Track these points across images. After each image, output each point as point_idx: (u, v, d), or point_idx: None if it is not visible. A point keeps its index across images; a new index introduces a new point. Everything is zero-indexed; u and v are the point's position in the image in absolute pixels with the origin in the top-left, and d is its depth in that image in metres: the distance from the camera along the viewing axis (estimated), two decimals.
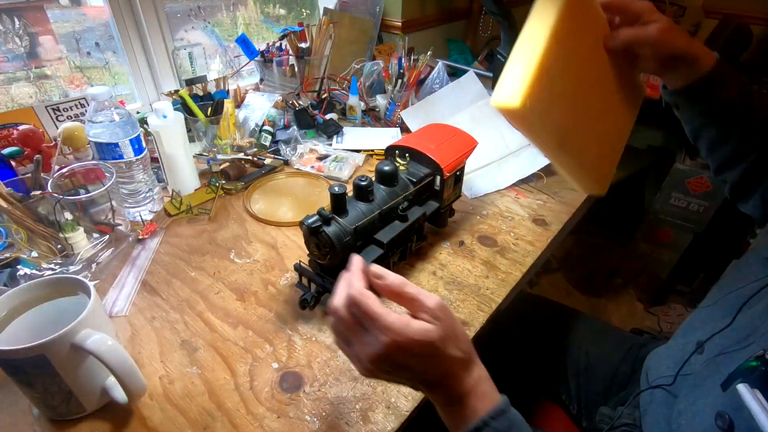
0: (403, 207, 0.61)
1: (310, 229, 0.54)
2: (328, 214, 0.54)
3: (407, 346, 0.35)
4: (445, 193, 0.66)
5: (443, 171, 0.64)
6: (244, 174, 0.88)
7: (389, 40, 1.41)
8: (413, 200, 0.64)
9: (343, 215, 0.56)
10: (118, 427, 0.47)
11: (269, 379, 0.52)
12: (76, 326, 0.42)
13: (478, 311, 0.62)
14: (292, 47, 1.15)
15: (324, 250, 0.56)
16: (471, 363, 0.39)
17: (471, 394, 0.38)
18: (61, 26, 0.97)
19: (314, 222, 0.53)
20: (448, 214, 0.74)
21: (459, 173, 0.69)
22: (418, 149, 0.65)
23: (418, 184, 0.64)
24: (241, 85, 1.17)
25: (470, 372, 0.38)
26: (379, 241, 0.58)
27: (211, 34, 1.22)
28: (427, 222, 0.68)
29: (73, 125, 0.78)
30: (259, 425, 0.47)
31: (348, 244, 0.55)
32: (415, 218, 0.62)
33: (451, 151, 0.66)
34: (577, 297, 1.76)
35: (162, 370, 0.53)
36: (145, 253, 0.70)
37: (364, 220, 0.56)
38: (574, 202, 0.85)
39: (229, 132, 0.92)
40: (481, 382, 0.39)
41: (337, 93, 1.18)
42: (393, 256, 0.62)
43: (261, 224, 0.77)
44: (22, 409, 0.49)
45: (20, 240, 0.60)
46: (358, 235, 0.56)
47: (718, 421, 0.43)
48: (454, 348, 0.37)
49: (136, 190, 0.75)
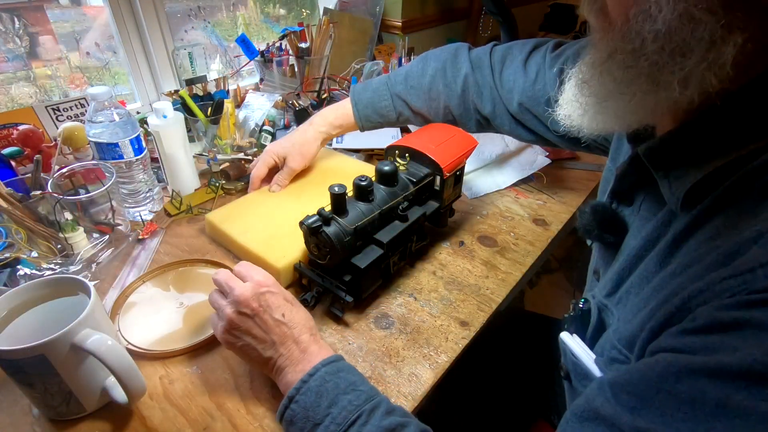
0: (403, 207, 0.61)
1: (309, 229, 0.54)
2: (327, 214, 0.54)
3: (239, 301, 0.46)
4: (445, 193, 0.66)
5: (443, 171, 0.64)
6: (244, 174, 0.88)
7: (389, 40, 1.41)
8: (413, 200, 0.64)
9: (343, 215, 0.56)
10: (118, 427, 0.47)
11: (269, 379, 0.52)
12: (76, 326, 0.42)
13: (479, 311, 0.62)
14: (292, 47, 1.15)
15: (324, 251, 0.56)
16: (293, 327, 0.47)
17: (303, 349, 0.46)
18: (61, 26, 0.97)
19: (314, 222, 0.53)
20: (449, 214, 0.74)
21: (459, 173, 0.69)
22: (418, 149, 0.65)
23: (418, 184, 0.64)
24: (241, 85, 1.17)
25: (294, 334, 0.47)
26: (379, 241, 0.58)
27: (211, 34, 1.22)
28: (427, 222, 0.68)
29: (73, 125, 0.78)
30: (259, 425, 0.47)
31: (348, 244, 0.55)
32: (415, 218, 0.62)
33: (452, 151, 0.66)
34: (577, 297, 1.76)
35: (162, 370, 0.53)
36: (145, 253, 0.70)
37: (364, 220, 0.56)
38: (574, 202, 0.85)
39: (229, 132, 0.92)
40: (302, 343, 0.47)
41: (337, 93, 1.18)
42: (393, 256, 0.62)
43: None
44: (22, 409, 0.49)
45: (20, 240, 0.60)
46: (358, 235, 0.56)
47: (561, 373, 0.49)
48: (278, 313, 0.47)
49: (136, 190, 0.75)
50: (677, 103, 0.32)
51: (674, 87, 0.31)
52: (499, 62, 0.73)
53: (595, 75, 0.37)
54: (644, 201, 0.44)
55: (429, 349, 0.56)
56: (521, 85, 0.69)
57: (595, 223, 0.47)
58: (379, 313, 0.61)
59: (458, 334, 0.58)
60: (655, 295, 0.35)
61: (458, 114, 0.76)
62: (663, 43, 0.31)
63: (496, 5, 1.09)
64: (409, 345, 0.57)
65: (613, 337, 0.39)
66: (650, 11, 0.30)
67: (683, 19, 0.29)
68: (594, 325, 0.45)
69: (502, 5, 1.09)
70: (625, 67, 0.34)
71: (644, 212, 0.43)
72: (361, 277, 0.57)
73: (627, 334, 0.37)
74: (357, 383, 0.44)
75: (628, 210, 0.46)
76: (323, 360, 0.45)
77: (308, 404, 0.42)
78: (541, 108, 0.68)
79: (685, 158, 0.36)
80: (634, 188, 0.45)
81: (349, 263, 0.56)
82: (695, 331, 0.29)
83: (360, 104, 0.78)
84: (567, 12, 1.68)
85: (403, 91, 0.76)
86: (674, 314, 0.31)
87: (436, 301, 0.63)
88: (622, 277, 0.42)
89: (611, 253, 0.47)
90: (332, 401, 0.42)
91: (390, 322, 0.60)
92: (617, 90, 0.35)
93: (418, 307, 0.62)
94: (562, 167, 0.94)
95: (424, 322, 0.60)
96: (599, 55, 0.36)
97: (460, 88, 0.73)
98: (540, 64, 0.69)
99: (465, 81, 0.73)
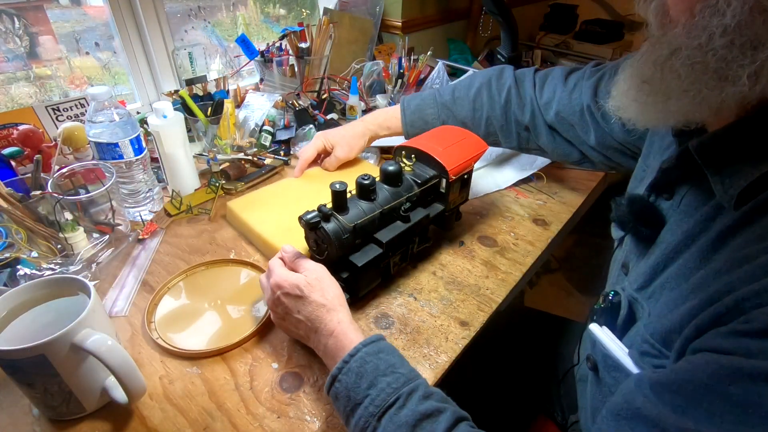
0: (406, 207, 0.61)
1: (308, 225, 0.54)
2: (328, 210, 0.54)
3: (282, 285, 0.50)
4: (450, 196, 0.66)
5: (449, 174, 0.63)
6: (244, 174, 0.88)
7: (389, 40, 1.41)
8: (417, 201, 0.64)
9: (343, 213, 0.56)
10: (118, 427, 0.47)
11: (269, 379, 0.52)
12: (76, 326, 0.42)
13: (479, 311, 0.62)
14: (292, 47, 1.15)
15: (322, 247, 0.56)
16: (333, 309, 0.49)
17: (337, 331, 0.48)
18: (61, 26, 0.97)
19: (313, 218, 0.53)
20: (455, 218, 0.74)
21: (467, 176, 0.68)
22: (425, 150, 0.65)
23: (423, 186, 0.64)
24: (241, 85, 1.17)
25: (332, 315, 0.49)
26: (379, 241, 0.58)
27: (211, 34, 1.22)
28: (433, 225, 0.68)
29: (73, 125, 0.78)
30: (259, 425, 0.47)
31: (347, 241, 0.55)
32: (417, 220, 0.61)
33: (459, 154, 0.66)
34: (577, 297, 1.76)
35: (162, 370, 0.53)
36: (145, 253, 0.70)
37: (365, 218, 0.56)
38: (574, 202, 0.85)
39: (229, 132, 0.92)
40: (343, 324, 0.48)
41: (337, 93, 1.18)
42: (394, 256, 0.62)
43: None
44: (22, 409, 0.49)
45: (20, 240, 0.60)
46: (357, 233, 0.56)
47: (588, 365, 0.49)
48: (318, 295, 0.49)
49: (136, 190, 0.75)
50: (745, 98, 0.32)
51: (743, 81, 0.31)
52: (541, 78, 0.76)
53: (656, 73, 0.36)
54: (686, 196, 0.43)
55: (429, 349, 0.56)
56: (559, 95, 0.72)
57: (632, 216, 0.46)
58: (379, 312, 0.61)
59: (458, 334, 0.58)
60: (697, 292, 0.34)
61: (499, 126, 0.78)
62: (733, 37, 0.30)
63: (496, 5, 1.09)
64: (409, 345, 0.57)
65: (645, 332, 0.39)
66: (717, 6, 0.30)
67: (755, 12, 0.29)
68: (624, 317, 0.44)
69: (502, 5, 1.09)
70: (690, 63, 0.33)
71: (685, 207, 0.42)
72: (358, 274, 0.57)
73: (662, 330, 0.37)
74: (396, 365, 0.44)
75: (666, 204, 0.45)
76: (364, 340, 0.46)
77: (349, 384, 0.43)
78: (576, 116, 0.70)
79: (740, 155, 0.35)
80: (676, 182, 0.44)
81: (348, 261, 0.56)
82: (752, 333, 0.28)
83: (408, 110, 0.81)
84: (567, 12, 1.68)
85: (449, 101, 0.79)
86: (723, 314, 0.30)
87: (436, 301, 0.63)
88: (656, 271, 0.42)
89: (644, 247, 0.47)
90: (371, 383, 0.42)
91: (390, 321, 0.60)
92: (681, 87, 0.35)
93: (418, 307, 0.62)
94: (562, 167, 0.94)
95: (424, 322, 0.60)
96: (660, 52, 0.35)
97: (503, 100, 0.76)
98: (579, 77, 0.71)
99: (508, 93, 0.76)
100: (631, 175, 0.60)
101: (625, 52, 1.57)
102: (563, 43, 1.62)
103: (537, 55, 1.57)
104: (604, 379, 0.46)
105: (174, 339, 0.56)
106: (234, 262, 0.68)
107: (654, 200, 0.47)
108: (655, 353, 0.38)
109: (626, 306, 0.44)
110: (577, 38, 1.61)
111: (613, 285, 0.52)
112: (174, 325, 0.58)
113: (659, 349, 0.37)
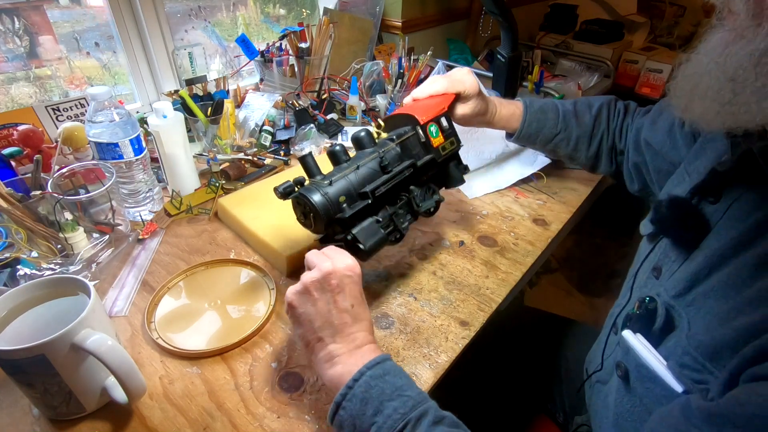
0: (386, 162, 0.58)
1: (283, 194, 0.53)
2: (300, 178, 0.54)
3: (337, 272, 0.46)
4: (434, 141, 0.63)
5: (418, 120, 0.62)
6: (244, 174, 0.88)
7: (389, 40, 1.41)
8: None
9: (317, 177, 0.55)
10: (118, 427, 0.47)
11: (269, 379, 0.52)
12: (76, 326, 0.42)
13: (478, 311, 0.62)
14: (292, 47, 1.15)
15: (308, 214, 0.54)
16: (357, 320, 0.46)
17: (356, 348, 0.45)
18: (61, 26, 0.97)
19: (286, 187, 0.53)
20: (461, 170, 0.69)
21: (445, 120, 0.65)
22: (392, 114, 0.65)
23: (399, 140, 0.61)
24: (241, 85, 1.17)
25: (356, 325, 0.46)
26: (364, 192, 0.55)
27: (211, 34, 1.22)
28: (444, 187, 0.66)
29: (73, 125, 0.78)
30: (259, 425, 0.47)
31: (328, 200, 0.53)
32: (399, 169, 0.58)
33: (426, 105, 0.65)
34: (577, 297, 1.76)
35: (162, 370, 0.53)
36: (145, 253, 0.70)
37: (338, 174, 0.55)
38: (574, 202, 0.85)
39: (229, 132, 0.92)
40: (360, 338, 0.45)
41: (337, 93, 1.18)
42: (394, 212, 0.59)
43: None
44: (22, 409, 0.49)
45: (20, 240, 0.60)
46: (338, 189, 0.54)
47: (618, 372, 0.47)
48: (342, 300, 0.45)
49: (136, 190, 0.75)
50: None
51: None
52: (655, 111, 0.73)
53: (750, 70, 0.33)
54: (737, 200, 0.40)
55: (429, 349, 0.56)
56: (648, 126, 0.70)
57: (673, 218, 0.44)
58: (379, 312, 0.61)
59: (458, 333, 0.58)
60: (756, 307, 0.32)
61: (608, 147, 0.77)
62: None
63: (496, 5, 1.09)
64: (409, 345, 0.57)
65: (688, 344, 0.37)
66: None
67: None
68: (660, 325, 0.42)
69: (502, 5, 1.09)
70: None
71: (735, 211, 0.40)
72: (349, 228, 0.54)
73: (711, 344, 0.34)
74: (404, 387, 0.41)
75: (710, 207, 0.43)
76: (368, 362, 0.43)
77: (354, 412, 0.40)
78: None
79: None
80: (724, 186, 0.42)
81: (342, 221, 0.54)
82: None
83: (532, 108, 0.75)
84: (567, 12, 1.68)
85: (571, 110, 0.77)
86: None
87: (436, 301, 0.63)
88: (698, 278, 0.40)
89: (683, 251, 0.44)
90: (377, 409, 0.40)
91: (390, 321, 0.60)
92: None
93: (418, 307, 0.62)
94: (562, 167, 0.94)
95: (424, 322, 0.60)
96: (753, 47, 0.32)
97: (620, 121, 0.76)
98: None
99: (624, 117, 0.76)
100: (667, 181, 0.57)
101: (625, 52, 1.57)
102: (563, 43, 1.62)
103: (537, 55, 1.56)
104: (636, 388, 0.44)
105: (174, 339, 0.56)
106: (234, 262, 0.68)
107: (697, 203, 0.44)
108: (697, 367, 0.35)
109: (663, 314, 0.42)
110: (577, 38, 1.61)
111: (643, 289, 0.50)
112: (174, 325, 0.58)
113: (703, 363, 0.35)
